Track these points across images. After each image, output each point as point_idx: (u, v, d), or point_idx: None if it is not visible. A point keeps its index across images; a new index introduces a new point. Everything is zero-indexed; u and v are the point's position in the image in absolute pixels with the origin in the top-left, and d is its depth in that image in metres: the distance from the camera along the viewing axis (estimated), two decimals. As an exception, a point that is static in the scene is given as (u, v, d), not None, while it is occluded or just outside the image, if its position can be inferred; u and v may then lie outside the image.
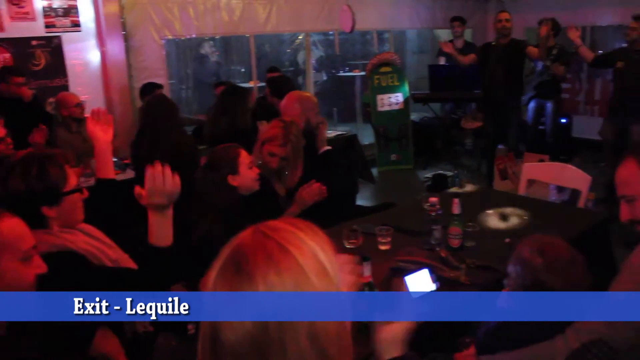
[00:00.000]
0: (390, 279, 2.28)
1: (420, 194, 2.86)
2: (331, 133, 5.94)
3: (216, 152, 2.70)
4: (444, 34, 8.41)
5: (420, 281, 2.20)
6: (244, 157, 2.68)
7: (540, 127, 7.04)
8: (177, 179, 1.71)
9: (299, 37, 8.82)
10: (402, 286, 2.03)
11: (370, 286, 1.97)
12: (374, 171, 6.96)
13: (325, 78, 9.72)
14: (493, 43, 6.11)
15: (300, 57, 9.10)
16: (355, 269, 1.21)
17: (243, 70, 8.82)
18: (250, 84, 7.21)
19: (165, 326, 2.02)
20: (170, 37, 5.93)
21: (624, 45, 5.65)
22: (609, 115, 5.65)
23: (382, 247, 2.62)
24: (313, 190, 3.01)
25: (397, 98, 6.95)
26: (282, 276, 0.86)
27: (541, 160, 4.84)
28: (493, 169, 5.87)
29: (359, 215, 3.22)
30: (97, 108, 2.40)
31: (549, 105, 6.92)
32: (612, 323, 1.54)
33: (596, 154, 6.38)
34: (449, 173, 6.53)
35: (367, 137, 7.80)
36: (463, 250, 2.53)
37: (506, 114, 6.08)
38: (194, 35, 6.22)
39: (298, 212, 2.98)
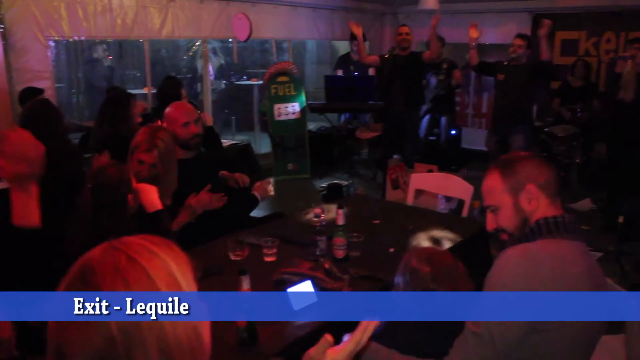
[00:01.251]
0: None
1: (312, 204, 2.84)
2: (226, 142, 5.88)
3: (108, 171, 2.43)
4: (343, 46, 8.58)
5: (303, 293, 2.20)
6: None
7: (432, 137, 7.36)
8: (41, 146, 1.61)
9: (197, 44, 8.67)
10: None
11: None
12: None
13: (223, 86, 9.60)
14: (386, 55, 6.28)
15: (199, 64, 8.95)
16: None
17: (138, 75, 8.54)
18: (144, 90, 7.00)
19: (32, 349, 1.90)
20: (56, 38, 5.61)
21: (505, 60, 6.02)
22: (491, 126, 5.98)
23: (268, 259, 2.59)
24: (203, 199, 2.94)
25: (293, 108, 6.98)
26: (131, 287, 0.83)
27: (430, 171, 5.01)
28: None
29: (249, 226, 3.18)
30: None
31: (443, 119, 7.27)
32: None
33: (483, 163, 6.73)
34: (345, 182, 6.64)
35: (264, 146, 7.78)
36: (348, 261, 2.55)
37: (404, 125, 6.28)
38: (83, 38, 5.92)
39: (186, 221, 2.90)
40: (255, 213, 5.03)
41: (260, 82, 7.63)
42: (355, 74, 7.48)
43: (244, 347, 1.91)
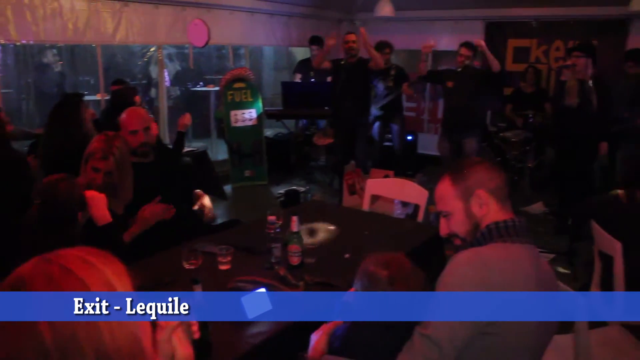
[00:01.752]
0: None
1: (268, 210, 2.82)
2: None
3: (59, 187, 2.33)
4: (301, 52, 8.59)
5: (257, 301, 2.18)
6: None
7: (386, 143, 7.43)
8: None
9: (152, 50, 8.55)
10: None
11: (202, 310, 1.90)
12: (228, 187, 6.89)
13: (179, 92, 9.48)
14: (342, 62, 6.33)
15: (154, 70, 8.82)
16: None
17: (92, 82, 8.36)
18: (98, 97, 6.85)
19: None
20: (2, 41, 5.44)
21: (455, 67, 6.13)
22: (443, 131, 6.09)
23: (222, 267, 2.56)
24: (156, 209, 2.89)
25: (250, 114, 6.95)
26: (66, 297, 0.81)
27: (386, 176, 5.05)
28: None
29: (204, 234, 3.14)
30: None
31: (395, 126, 7.35)
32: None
33: (439, 168, 6.81)
34: (302, 188, 6.63)
35: (221, 153, 7.71)
36: (303, 268, 2.54)
37: (354, 131, 6.32)
38: (31, 42, 5.75)
39: (139, 231, 2.84)
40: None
41: (217, 88, 7.57)
42: (313, 80, 7.50)
43: (198, 358, 1.87)
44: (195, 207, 3.53)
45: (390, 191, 4.06)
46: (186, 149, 5.92)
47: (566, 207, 5.13)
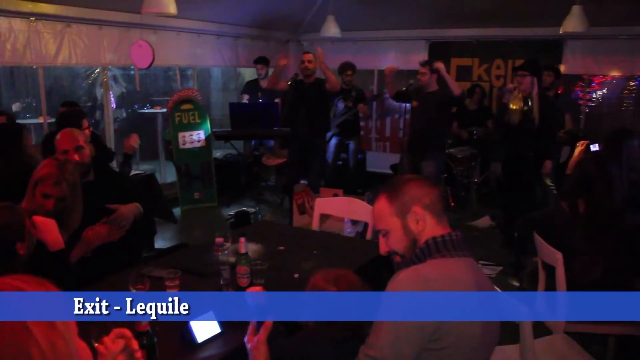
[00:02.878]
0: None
1: (216, 232, 2.79)
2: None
3: None
4: (249, 72, 8.59)
5: (206, 325, 2.15)
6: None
7: (339, 162, 7.50)
8: None
9: (96, 71, 8.39)
10: None
11: (148, 336, 1.86)
12: (177, 210, 6.79)
13: (125, 115, 9.33)
14: (289, 82, 6.34)
15: (99, 92, 8.65)
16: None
17: (34, 103, 8.14)
18: (40, 120, 6.68)
19: None
20: None
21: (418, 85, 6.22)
22: (406, 150, 6.14)
23: (170, 291, 2.51)
24: (100, 232, 2.82)
25: (198, 135, 6.90)
26: None
27: (335, 195, 5.07)
28: (294, 204, 6.05)
29: (153, 258, 3.09)
30: None
31: (351, 144, 7.43)
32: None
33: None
34: (253, 209, 6.60)
35: (170, 175, 7.60)
36: (252, 289, 2.51)
37: (309, 151, 6.33)
38: (-33, 64, 5.57)
39: (82, 253, 2.77)
40: (159, 244, 4.90)
41: (164, 110, 7.48)
42: (260, 100, 7.51)
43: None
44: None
45: (339, 210, 4.08)
46: (133, 172, 5.82)
47: (511, 221, 5.27)
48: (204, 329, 2.12)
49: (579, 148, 4.06)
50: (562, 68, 7.25)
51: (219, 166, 7.35)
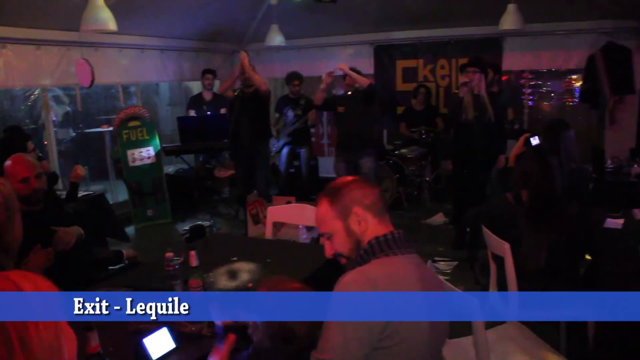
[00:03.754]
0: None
1: (168, 247, 2.75)
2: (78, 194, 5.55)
3: None
4: (198, 86, 8.52)
5: (160, 341, 2.12)
6: None
7: (292, 170, 7.52)
8: None
9: (35, 92, 8.17)
10: None
11: (100, 357, 1.82)
12: (131, 229, 6.68)
13: (72, 135, 9.12)
14: (238, 92, 6.35)
15: (42, 113, 8.42)
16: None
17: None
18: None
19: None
20: None
21: (343, 92, 6.30)
22: (338, 154, 6.20)
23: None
24: (38, 262, 2.76)
25: (148, 152, 6.80)
26: None
27: (288, 202, 5.08)
28: (247, 215, 6.03)
29: (104, 278, 3.03)
30: None
31: (302, 152, 7.46)
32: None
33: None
34: (207, 223, 6.54)
35: (122, 194, 7.47)
36: (206, 302, 2.50)
37: (254, 160, 6.34)
38: None
39: None
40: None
41: (111, 128, 7.35)
42: (209, 113, 7.46)
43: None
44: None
45: (291, 217, 4.08)
46: (83, 193, 5.70)
47: (463, 217, 5.38)
48: (158, 346, 2.09)
49: (520, 141, 4.18)
50: (503, 64, 7.45)
51: (171, 182, 7.26)
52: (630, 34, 6.75)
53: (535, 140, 4.08)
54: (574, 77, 7.94)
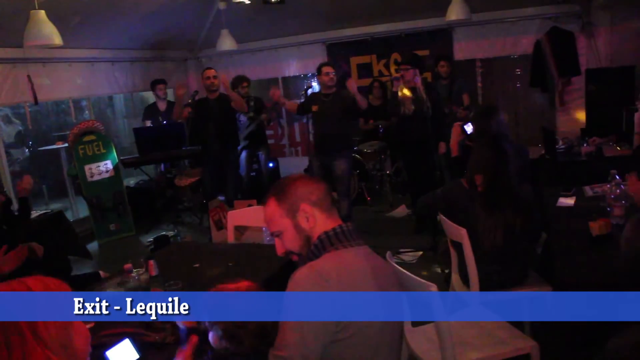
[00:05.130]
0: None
1: (129, 260, 2.73)
2: (34, 213, 5.44)
3: None
4: (151, 95, 8.42)
5: (123, 353, 2.10)
6: None
7: (252, 173, 7.50)
8: None
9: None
10: None
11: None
12: (94, 245, 6.58)
13: (27, 153, 8.92)
14: (195, 98, 6.31)
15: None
16: None
17: None
18: None
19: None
20: None
21: (316, 91, 6.31)
22: (315, 153, 6.19)
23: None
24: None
25: (106, 166, 6.70)
26: None
27: (250, 205, 5.07)
28: (211, 221, 5.99)
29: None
30: None
31: (260, 154, 7.45)
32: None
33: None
34: (172, 233, 6.49)
35: (82, 210, 7.34)
36: (169, 310, 2.49)
37: (224, 165, 6.31)
38: None
39: None
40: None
41: (66, 144, 7.21)
42: (165, 122, 7.39)
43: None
44: None
45: (252, 220, 4.07)
46: (40, 212, 5.59)
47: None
48: (122, 357, 2.07)
49: (455, 129, 4.23)
50: (455, 54, 7.58)
51: (132, 194, 7.17)
52: (573, 18, 6.96)
53: (469, 127, 4.16)
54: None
